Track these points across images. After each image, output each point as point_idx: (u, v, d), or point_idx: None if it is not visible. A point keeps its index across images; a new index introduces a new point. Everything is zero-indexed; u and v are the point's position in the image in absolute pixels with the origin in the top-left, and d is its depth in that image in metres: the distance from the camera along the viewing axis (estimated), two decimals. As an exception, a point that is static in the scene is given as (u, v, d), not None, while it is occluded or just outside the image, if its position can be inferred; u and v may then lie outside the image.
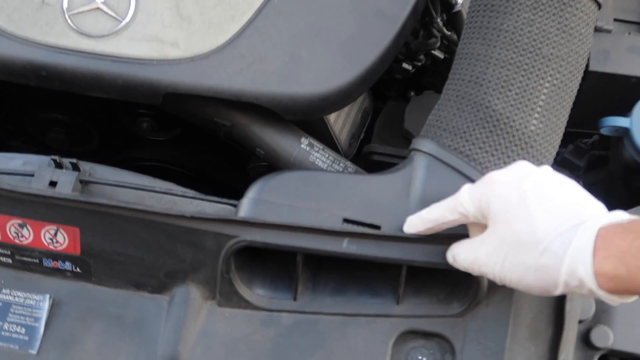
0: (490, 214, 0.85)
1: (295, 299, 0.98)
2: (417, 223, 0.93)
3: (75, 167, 1.02)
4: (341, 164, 1.15)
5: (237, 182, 1.55)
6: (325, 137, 1.25)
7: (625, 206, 1.06)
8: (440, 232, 0.93)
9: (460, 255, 0.89)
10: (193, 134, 1.46)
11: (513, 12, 1.01)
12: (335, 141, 1.28)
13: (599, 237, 0.78)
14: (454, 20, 1.32)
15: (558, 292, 0.81)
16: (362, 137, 1.40)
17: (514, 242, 0.82)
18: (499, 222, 0.84)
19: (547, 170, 0.86)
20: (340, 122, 1.30)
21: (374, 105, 1.47)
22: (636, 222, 0.78)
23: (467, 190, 0.88)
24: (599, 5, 1.04)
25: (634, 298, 0.81)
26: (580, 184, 1.27)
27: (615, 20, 1.31)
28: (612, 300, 0.79)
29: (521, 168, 0.86)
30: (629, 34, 1.30)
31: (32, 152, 1.48)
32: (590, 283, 0.77)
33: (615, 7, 1.33)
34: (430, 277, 0.97)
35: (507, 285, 0.85)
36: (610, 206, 1.19)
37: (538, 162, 0.98)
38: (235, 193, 1.04)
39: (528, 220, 0.82)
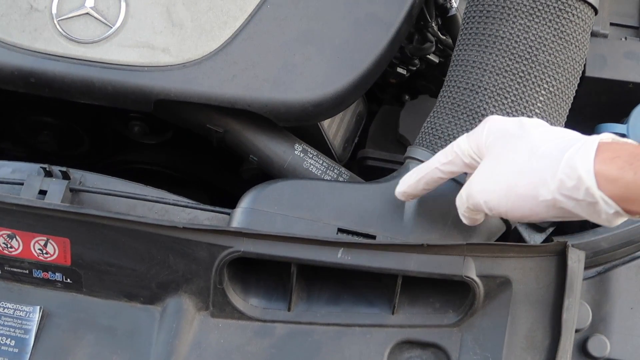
0: (488, 146, 0.84)
1: (289, 310, 0.97)
2: (409, 179, 0.93)
3: (65, 176, 1.01)
4: (335, 170, 1.14)
5: (229, 185, 1.54)
6: (319, 142, 1.24)
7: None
8: (437, 243, 0.92)
9: (461, 193, 0.88)
10: (185, 137, 1.45)
11: (509, 18, 1.00)
12: (329, 146, 1.27)
13: (605, 143, 0.75)
14: (449, 25, 1.31)
15: (549, 194, 0.76)
16: (356, 141, 1.39)
17: (509, 159, 0.80)
18: (495, 147, 0.83)
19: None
20: (334, 127, 1.29)
21: (368, 109, 1.46)
22: None
23: (464, 135, 0.88)
24: (596, 11, 1.03)
25: (633, 218, 0.77)
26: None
27: (611, 24, 1.31)
28: (609, 209, 0.74)
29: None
30: (626, 38, 1.29)
31: (22, 155, 1.48)
32: (589, 181, 0.73)
33: (611, 11, 1.32)
34: (425, 286, 0.96)
35: (498, 211, 0.82)
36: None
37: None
38: (228, 196, 1.02)
39: (526, 137, 0.80)
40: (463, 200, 0.87)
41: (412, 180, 0.92)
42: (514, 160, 0.80)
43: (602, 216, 0.75)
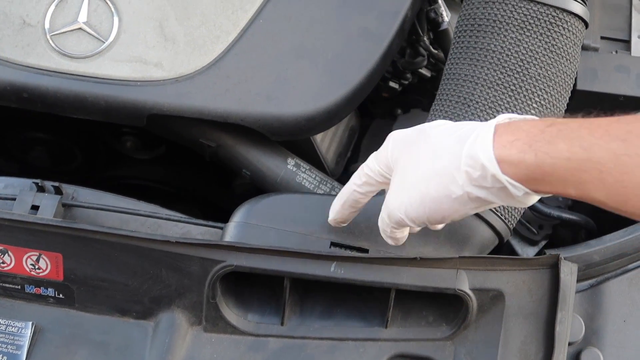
0: (394, 161, 0.84)
1: (282, 324, 0.96)
2: (334, 206, 0.92)
3: (57, 191, 1.01)
4: (328, 185, 1.14)
5: (222, 199, 1.54)
6: (312, 156, 1.24)
7: (615, 226, 1.06)
8: (429, 256, 0.92)
9: (382, 215, 0.87)
10: (177, 152, 1.45)
11: (500, 32, 1.00)
12: (322, 160, 1.27)
13: (503, 125, 0.75)
14: (440, 39, 1.31)
15: (460, 189, 0.76)
16: (349, 155, 1.39)
17: (414, 166, 0.80)
18: (400, 159, 0.83)
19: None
20: (326, 141, 1.29)
21: (361, 123, 1.46)
22: (549, 118, 0.75)
23: (373, 154, 0.88)
24: (586, 25, 1.04)
25: (544, 196, 0.77)
26: (568, 202, 1.27)
27: (602, 38, 1.31)
28: (518, 192, 0.74)
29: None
30: (616, 52, 1.30)
31: (14, 171, 1.48)
32: (493, 168, 0.73)
33: (602, 24, 1.33)
34: (418, 300, 0.96)
35: (421, 220, 0.81)
36: (600, 225, 1.19)
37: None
38: (221, 210, 1.02)
39: (426, 140, 0.80)
40: (386, 221, 0.86)
41: (337, 206, 0.92)
42: (418, 166, 0.80)
43: (515, 198, 0.75)
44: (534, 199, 0.77)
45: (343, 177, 1.38)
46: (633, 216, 0.70)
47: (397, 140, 0.85)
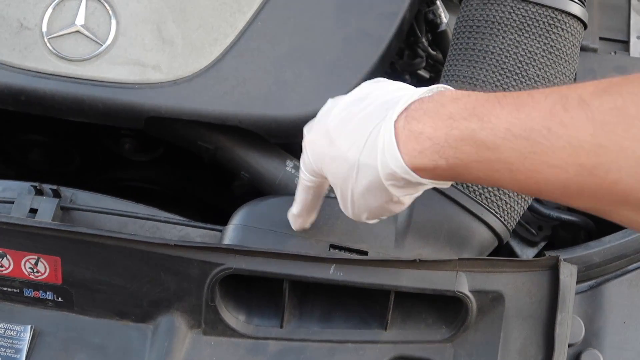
0: (320, 170, 0.84)
1: (282, 327, 0.96)
2: (293, 215, 0.93)
3: (55, 194, 1.01)
4: (327, 187, 1.14)
5: (221, 202, 1.54)
6: (311, 158, 1.24)
7: (615, 227, 1.06)
8: (429, 258, 0.92)
9: None
10: (176, 154, 1.45)
11: (499, 33, 1.00)
12: (321, 162, 1.27)
13: (402, 128, 0.74)
14: (439, 40, 1.31)
15: (394, 198, 0.79)
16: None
17: (336, 183, 0.81)
18: (325, 171, 0.83)
19: (356, 90, 0.84)
20: (325, 143, 1.28)
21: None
22: (446, 97, 0.74)
23: (301, 164, 0.88)
24: (585, 26, 1.04)
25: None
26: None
27: (600, 38, 1.31)
28: (445, 185, 0.79)
29: (327, 105, 0.86)
30: (615, 52, 1.30)
31: (12, 174, 1.47)
32: (412, 177, 0.74)
33: (601, 25, 1.33)
34: (418, 302, 0.96)
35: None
36: (600, 226, 1.19)
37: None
38: (220, 213, 1.02)
39: (337, 154, 0.80)
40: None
41: (295, 212, 0.93)
42: (344, 187, 0.81)
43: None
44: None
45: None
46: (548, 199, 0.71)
47: (312, 151, 0.84)
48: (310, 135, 0.85)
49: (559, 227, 1.25)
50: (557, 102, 0.64)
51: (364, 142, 0.77)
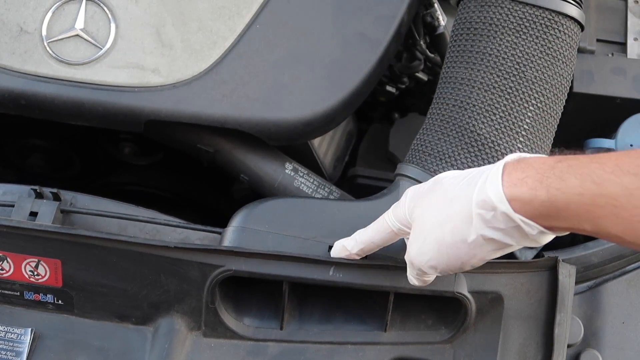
0: (411, 214, 0.83)
1: (281, 328, 0.96)
2: (344, 248, 0.92)
3: (56, 197, 1.01)
4: (326, 189, 1.14)
5: (220, 204, 1.54)
6: (310, 161, 1.24)
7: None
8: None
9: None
10: (175, 157, 1.45)
11: (496, 35, 1.01)
12: (320, 165, 1.27)
13: (512, 163, 0.74)
14: (437, 43, 1.31)
15: (475, 233, 0.75)
16: (346, 159, 1.39)
17: (429, 214, 0.80)
18: (416, 211, 0.82)
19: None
20: (324, 146, 1.29)
21: (358, 127, 1.46)
22: (558, 155, 0.74)
23: (392, 207, 0.87)
24: (582, 27, 1.04)
25: (559, 234, 0.75)
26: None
27: (598, 40, 1.31)
28: (532, 230, 0.73)
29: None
30: (612, 54, 1.30)
31: (12, 177, 1.47)
32: (504, 207, 0.72)
33: (598, 27, 1.33)
34: (417, 303, 0.97)
35: (441, 268, 0.81)
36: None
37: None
38: (219, 215, 1.02)
39: (439, 189, 0.80)
40: (409, 269, 0.87)
41: (353, 247, 0.91)
42: (433, 214, 0.79)
43: (529, 237, 0.74)
44: (548, 237, 0.76)
45: (341, 181, 1.38)
46: None
47: (412, 194, 0.84)
48: (416, 186, 0.86)
49: (558, 228, 1.25)
50: None
51: (468, 177, 0.77)
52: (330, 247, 0.96)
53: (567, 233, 0.75)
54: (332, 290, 0.95)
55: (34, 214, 0.98)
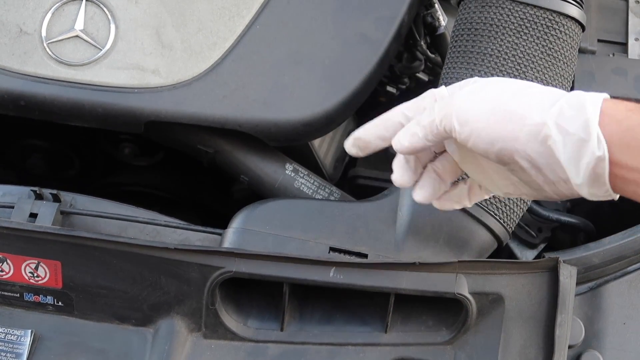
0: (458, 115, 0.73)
1: (282, 329, 0.96)
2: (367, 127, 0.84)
3: (55, 198, 1.01)
4: (326, 190, 1.14)
5: (221, 206, 1.54)
6: (310, 162, 1.24)
7: (614, 228, 1.06)
8: (429, 261, 0.92)
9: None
10: (175, 158, 1.45)
11: (497, 35, 1.01)
12: (320, 165, 1.27)
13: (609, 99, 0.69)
14: (437, 43, 1.31)
15: (541, 116, 0.68)
16: (347, 160, 1.39)
17: (501, 86, 0.73)
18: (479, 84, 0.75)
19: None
20: (325, 146, 1.29)
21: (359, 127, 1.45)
22: None
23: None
24: (583, 28, 1.04)
25: (608, 195, 0.69)
26: (567, 205, 1.27)
27: (599, 41, 1.31)
28: (598, 151, 0.66)
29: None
30: (613, 54, 1.30)
31: (12, 178, 1.47)
32: (592, 113, 0.66)
33: (599, 27, 1.33)
34: (418, 304, 0.96)
35: (470, 128, 0.71)
36: (599, 228, 1.19)
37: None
38: (219, 216, 1.02)
39: (508, 82, 0.74)
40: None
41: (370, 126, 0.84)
42: (509, 86, 0.72)
43: (582, 163, 0.67)
44: (589, 185, 0.69)
45: (341, 182, 1.38)
46: None
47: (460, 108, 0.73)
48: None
49: (559, 229, 1.25)
50: None
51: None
52: (331, 249, 0.96)
53: (616, 197, 0.71)
54: (333, 292, 0.95)
55: (33, 216, 0.98)
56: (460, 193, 0.86)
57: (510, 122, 0.69)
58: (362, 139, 0.84)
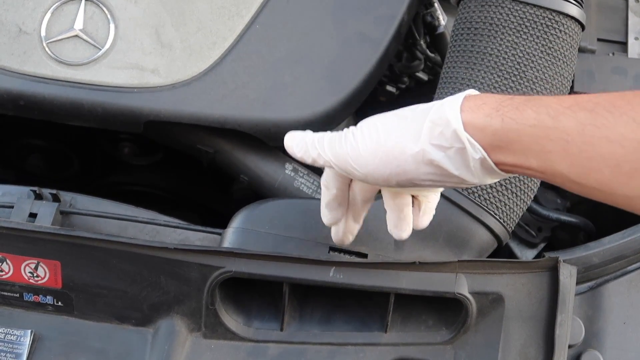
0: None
1: (282, 329, 0.96)
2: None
3: (55, 198, 1.01)
4: (326, 189, 1.14)
5: (220, 205, 1.54)
6: (310, 161, 1.24)
7: (614, 228, 1.06)
8: (429, 260, 0.92)
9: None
10: (175, 158, 1.45)
11: (497, 35, 1.00)
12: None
13: (472, 94, 0.73)
14: (437, 42, 1.31)
15: (417, 145, 0.73)
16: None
17: (377, 127, 0.77)
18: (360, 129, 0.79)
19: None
20: (324, 146, 1.28)
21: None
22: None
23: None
24: (583, 27, 1.04)
25: (501, 176, 0.74)
26: (567, 204, 1.27)
27: (598, 40, 1.31)
28: (476, 154, 0.71)
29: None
30: (613, 53, 1.30)
31: (11, 178, 1.47)
32: (456, 124, 0.71)
33: (598, 27, 1.33)
34: (418, 304, 0.96)
35: (365, 170, 0.77)
36: (599, 227, 1.19)
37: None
38: (219, 216, 1.02)
39: (390, 112, 0.78)
40: (329, 166, 0.82)
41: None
42: (381, 126, 0.77)
43: (471, 166, 0.72)
44: (491, 177, 0.75)
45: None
46: (592, 194, 0.68)
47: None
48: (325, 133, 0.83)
49: (558, 229, 1.25)
50: (627, 93, 0.65)
51: (428, 104, 0.75)
52: (331, 249, 0.96)
53: (509, 176, 0.76)
54: (333, 291, 0.95)
55: (33, 215, 0.98)
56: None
57: (394, 159, 0.75)
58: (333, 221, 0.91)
